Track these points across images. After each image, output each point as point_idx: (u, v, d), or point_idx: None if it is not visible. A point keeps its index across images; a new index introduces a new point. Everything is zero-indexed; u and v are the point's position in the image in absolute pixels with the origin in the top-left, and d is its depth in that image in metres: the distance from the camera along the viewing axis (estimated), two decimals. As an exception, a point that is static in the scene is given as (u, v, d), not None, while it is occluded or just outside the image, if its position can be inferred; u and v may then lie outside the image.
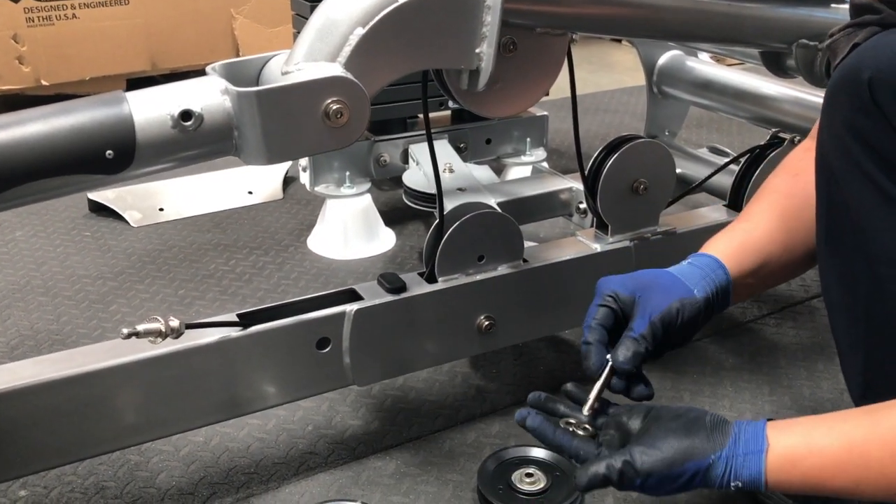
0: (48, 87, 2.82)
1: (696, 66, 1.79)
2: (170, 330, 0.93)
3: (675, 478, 0.78)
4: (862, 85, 0.76)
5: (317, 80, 0.88)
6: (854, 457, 0.72)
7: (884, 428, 0.72)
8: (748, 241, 0.97)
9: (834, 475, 0.73)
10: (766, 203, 1.01)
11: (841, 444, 0.73)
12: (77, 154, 0.83)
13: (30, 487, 1.14)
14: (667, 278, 0.93)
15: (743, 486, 0.77)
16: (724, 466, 0.77)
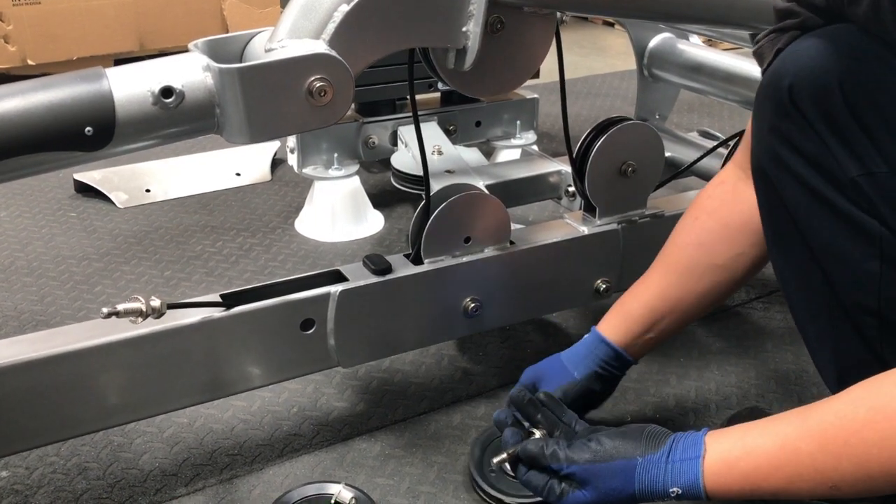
0: (34, 67, 2.80)
1: (686, 48, 1.78)
2: (151, 310, 0.92)
3: (601, 473, 0.81)
4: (783, 91, 0.80)
5: (300, 58, 0.86)
6: (787, 453, 0.73)
7: (812, 423, 0.73)
8: (634, 306, 1.06)
9: (769, 474, 0.74)
10: (660, 259, 1.08)
11: (774, 442, 0.74)
12: (56, 130, 0.81)
13: (11, 468, 1.13)
14: (555, 366, 1.08)
15: (683, 494, 0.78)
16: (659, 471, 0.79)
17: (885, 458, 0.67)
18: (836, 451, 0.70)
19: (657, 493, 0.79)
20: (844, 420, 0.70)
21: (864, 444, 0.68)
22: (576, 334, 1.46)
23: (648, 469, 0.80)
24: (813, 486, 0.72)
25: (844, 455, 0.69)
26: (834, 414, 0.71)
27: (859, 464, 0.69)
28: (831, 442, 0.70)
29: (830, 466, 0.70)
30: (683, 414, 1.25)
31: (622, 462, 0.81)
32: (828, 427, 0.71)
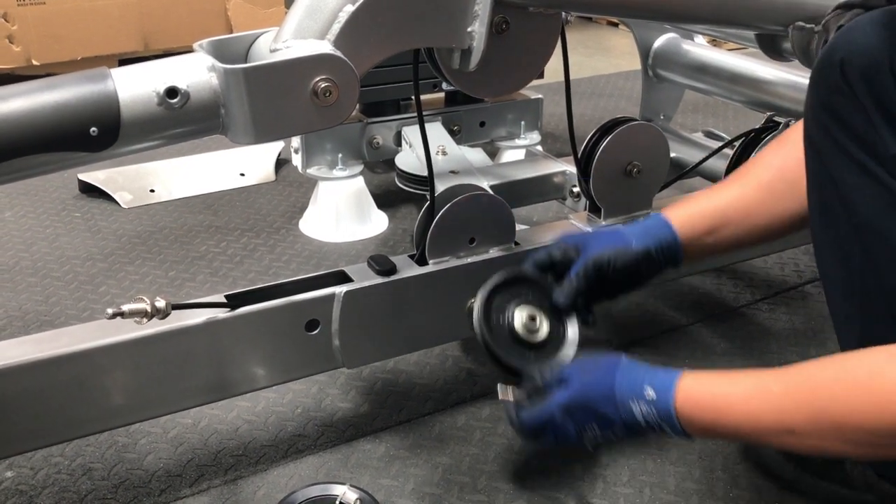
0: (39, 67, 2.80)
1: (691, 49, 1.78)
2: (155, 310, 0.91)
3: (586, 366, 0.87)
4: (835, 66, 0.82)
5: (305, 58, 0.86)
6: (758, 390, 0.78)
7: (789, 374, 0.78)
8: (705, 204, 1.03)
9: (736, 404, 0.78)
10: (740, 173, 1.06)
11: (749, 379, 0.80)
12: (61, 131, 0.81)
13: (16, 468, 1.13)
14: (609, 231, 1.04)
15: (656, 401, 0.81)
16: (639, 373, 0.84)
17: (839, 416, 0.72)
18: (799, 398, 0.75)
19: (633, 392, 0.83)
20: (816, 375, 0.76)
21: (826, 398, 0.73)
22: (580, 334, 1.45)
23: (630, 369, 0.85)
24: (771, 426, 0.76)
25: (805, 403, 0.74)
26: (810, 369, 0.77)
27: (816, 414, 0.73)
28: (798, 390, 0.75)
29: (791, 410, 0.75)
30: (688, 415, 1.25)
31: (607, 359, 0.87)
32: (800, 378, 0.77)
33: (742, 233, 1.03)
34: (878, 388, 0.70)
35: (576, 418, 0.86)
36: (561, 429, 0.88)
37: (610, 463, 1.15)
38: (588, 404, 0.86)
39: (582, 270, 0.99)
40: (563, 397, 0.87)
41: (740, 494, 1.10)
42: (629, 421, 0.84)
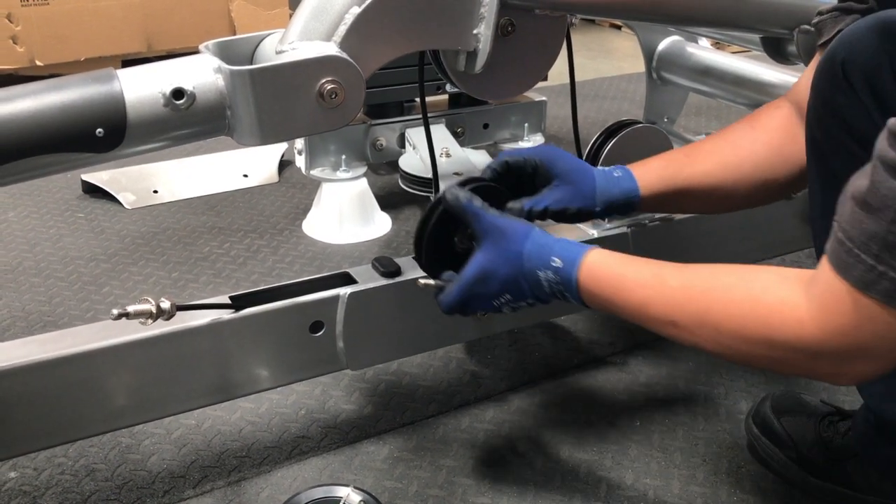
0: (42, 68, 2.80)
1: (695, 52, 1.78)
2: (160, 311, 0.91)
3: (502, 226, 0.88)
4: (837, 66, 0.84)
5: (311, 60, 0.86)
6: (656, 279, 0.81)
7: (689, 270, 0.80)
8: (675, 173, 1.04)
9: (633, 287, 0.82)
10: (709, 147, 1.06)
11: (651, 267, 0.82)
12: (67, 132, 0.81)
13: (20, 469, 1.13)
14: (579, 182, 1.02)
15: (561, 269, 0.84)
16: (549, 241, 0.87)
17: (722, 319, 0.75)
18: (691, 295, 0.78)
19: (541, 259, 0.86)
20: (712, 278, 0.78)
21: (714, 301, 0.76)
22: (584, 338, 1.45)
23: (541, 238, 0.87)
24: (658, 315, 0.80)
25: (694, 301, 0.77)
26: (708, 271, 0.79)
27: (701, 314, 0.77)
28: (692, 288, 0.78)
29: (680, 304, 0.78)
30: (693, 418, 1.25)
31: (522, 226, 0.89)
32: (697, 279, 0.79)
33: (701, 206, 1.08)
34: (763, 303, 0.74)
35: (488, 288, 0.90)
36: (476, 299, 0.91)
37: (614, 466, 1.15)
38: (497, 274, 0.89)
39: (539, 212, 1.01)
40: (474, 269, 0.90)
41: (745, 498, 1.10)
42: (535, 288, 0.87)
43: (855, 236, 0.66)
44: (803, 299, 0.72)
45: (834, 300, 0.69)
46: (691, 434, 1.21)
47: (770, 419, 1.15)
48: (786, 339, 0.72)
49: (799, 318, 0.71)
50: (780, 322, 0.72)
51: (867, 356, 0.70)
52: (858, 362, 0.70)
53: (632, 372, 1.36)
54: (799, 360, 0.73)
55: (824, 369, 0.73)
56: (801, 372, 0.76)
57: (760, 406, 1.19)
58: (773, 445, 1.14)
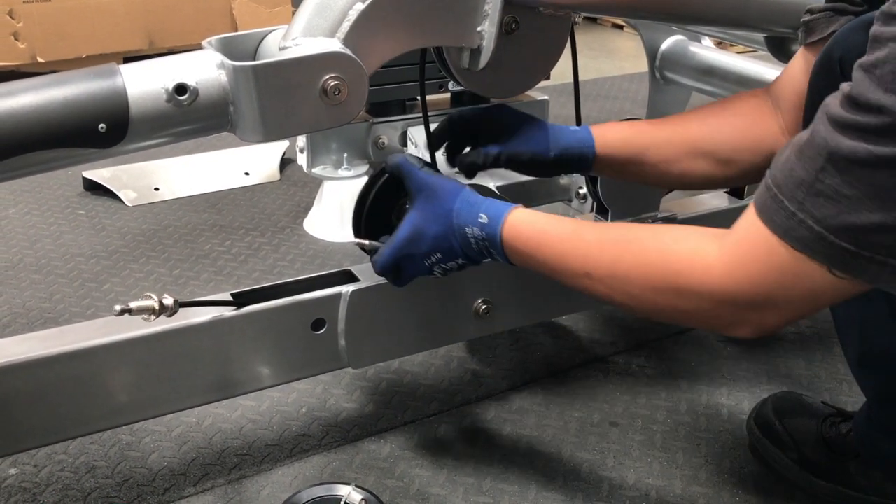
0: (44, 65, 2.80)
1: (699, 51, 1.77)
2: (163, 308, 0.91)
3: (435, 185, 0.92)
4: (834, 63, 0.84)
5: (314, 56, 0.86)
6: (575, 234, 0.83)
7: (609, 228, 0.83)
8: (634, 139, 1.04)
9: (552, 241, 0.84)
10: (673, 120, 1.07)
11: (571, 224, 0.85)
12: (69, 127, 0.81)
13: (20, 466, 1.12)
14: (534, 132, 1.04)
15: (486, 225, 0.87)
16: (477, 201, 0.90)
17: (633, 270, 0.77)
18: (606, 248, 0.80)
19: (469, 216, 0.89)
20: (629, 234, 0.80)
21: (626, 251, 0.78)
22: (586, 337, 1.45)
23: (471, 196, 0.91)
24: (574, 267, 0.82)
25: (609, 253, 0.80)
26: (626, 226, 0.82)
27: (614, 264, 0.79)
28: (609, 241, 0.81)
29: (595, 256, 0.81)
30: (695, 419, 1.24)
31: (453, 185, 0.92)
32: (615, 234, 0.81)
33: (657, 177, 1.07)
34: (672, 251, 0.75)
35: (419, 246, 0.92)
36: (408, 259, 0.93)
37: (616, 465, 1.14)
38: (428, 232, 0.91)
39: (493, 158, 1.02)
40: (406, 228, 0.92)
41: (747, 498, 1.09)
42: (464, 245, 0.90)
43: (783, 183, 0.66)
44: (714, 247, 0.73)
45: (747, 245, 0.70)
46: (693, 434, 1.21)
47: (772, 420, 1.15)
48: (691, 285, 0.73)
49: (707, 265, 0.72)
50: (688, 268, 0.74)
51: (770, 306, 0.70)
52: (761, 312, 0.71)
53: (634, 372, 1.36)
54: (702, 308, 0.73)
55: (726, 318, 0.73)
56: (705, 321, 0.76)
57: (762, 407, 1.19)
58: (774, 447, 1.13)
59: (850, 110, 0.61)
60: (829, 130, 0.62)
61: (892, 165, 0.59)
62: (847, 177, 0.61)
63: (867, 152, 0.59)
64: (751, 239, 0.69)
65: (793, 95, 0.97)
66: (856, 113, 0.60)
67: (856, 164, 0.60)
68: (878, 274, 0.63)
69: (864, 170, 0.60)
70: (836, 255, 0.63)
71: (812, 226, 0.63)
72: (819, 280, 0.66)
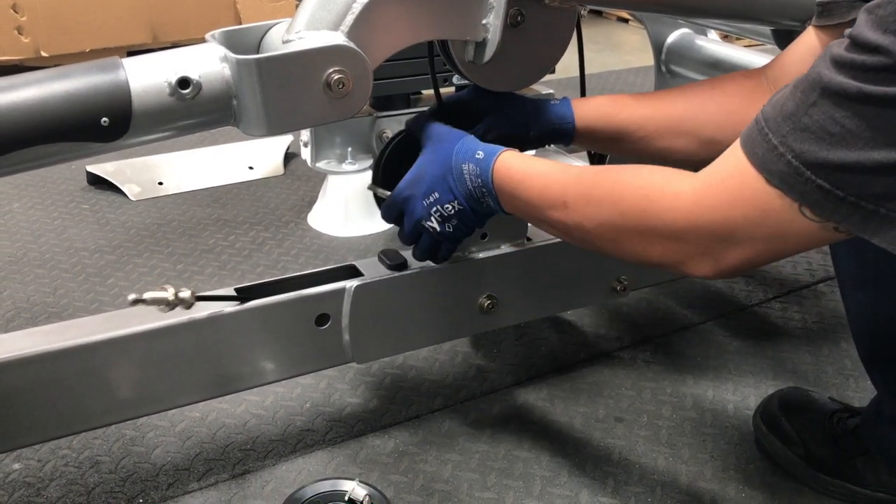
0: (47, 59, 2.80)
1: (705, 44, 1.76)
2: (179, 300, 0.90)
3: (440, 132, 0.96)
4: None
5: (318, 49, 0.85)
6: (558, 169, 0.85)
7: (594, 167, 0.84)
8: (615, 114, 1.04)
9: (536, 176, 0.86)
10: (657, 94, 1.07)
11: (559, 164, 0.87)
12: (72, 121, 0.80)
13: (24, 461, 1.12)
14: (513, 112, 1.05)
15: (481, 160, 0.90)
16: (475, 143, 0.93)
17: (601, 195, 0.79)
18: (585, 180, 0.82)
19: (467, 153, 0.92)
20: (611, 170, 0.81)
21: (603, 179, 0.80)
22: (591, 332, 1.44)
23: (470, 140, 0.94)
24: (553, 198, 0.83)
25: (586, 180, 0.81)
26: (611, 167, 0.82)
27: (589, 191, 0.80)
28: (589, 176, 0.82)
29: (573, 186, 0.82)
30: (701, 414, 1.24)
31: (459, 132, 0.96)
32: (597, 170, 0.82)
33: (638, 152, 1.06)
34: (647, 180, 0.76)
35: (419, 187, 0.95)
36: (408, 202, 0.96)
37: (621, 461, 1.14)
38: (429, 171, 0.94)
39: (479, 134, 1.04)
40: (412, 169, 0.96)
41: (753, 494, 1.09)
42: (459, 182, 0.92)
43: (771, 116, 0.66)
44: (688, 179, 0.73)
45: (722, 174, 0.69)
46: (699, 430, 1.20)
47: (778, 416, 1.15)
48: (657, 212, 0.73)
49: (677, 191, 0.72)
50: (659, 194, 0.74)
51: (733, 241, 0.69)
52: (722, 246, 0.70)
53: (639, 367, 1.35)
54: (665, 236, 0.73)
55: (687, 249, 0.72)
56: (666, 254, 0.75)
57: (768, 403, 1.18)
58: (781, 442, 1.13)
59: (850, 49, 0.60)
60: (826, 67, 0.62)
61: (881, 104, 0.58)
62: (835, 113, 0.61)
63: (857, 90, 0.59)
64: (727, 168, 0.69)
65: (795, 75, 0.96)
66: (853, 52, 0.60)
67: (845, 99, 0.60)
68: (848, 216, 0.62)
69: (853, 106, 0.59)
70: (810, 191, 0.63)
71: (790, 160, 0.63)
72: (787, 219, 0.65)
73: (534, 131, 1.04)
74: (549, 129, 1.04)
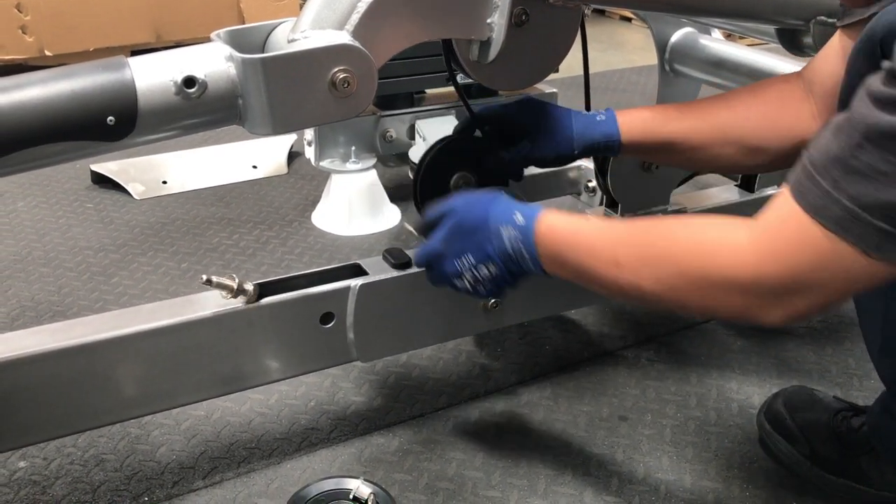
0: (51, 58, 2.80)
1: (709, 43, 1.76)
2: (242, 291, 0.97)
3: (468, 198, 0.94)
4: (875, 43, 0.81)
5: (324, 48, 0.85)
6: (605, 229, 0.84)
7: (637, 223, 0.82)
8: (661, 128, 1.04)
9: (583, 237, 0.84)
10: (701, 104, 1.07)
11: (604, 221, 0.85)
12: (78, 120, 0.80)
13: (29, 459, 1.13)
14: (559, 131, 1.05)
15: (522, 225, 0.87)
16: (510, 204, 0.90)
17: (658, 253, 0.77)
18: (635, 236, 0.80)
19: (505, 217, 0.89)
20: (659, 221, 0.80)
21: (657, 236, 0.79)
22: (595, 331, 1.44)
23: (505, 200, 0.91)
24: (604, 256, 0.81)
25: (638, 238, 0.80)
26: (660, 220, 0.81)
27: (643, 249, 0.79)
28: (638, 231, 0.81)
29: (625, 244, 0.80)
30: (705, 413, 1.24)
31: (486, 193, 0.94)
32: (645, 225, 0.81)
33: (685, 161, 1.08)
34: (702, 235, 0.75)
35: (454, 247, 0.92)
36: (441, 259, 0.94)
37: (625, 460, 1.14)
38: (464, 230, 0.92)
39: (522, 157, 1.06)
40: (445, 227, 0.94)
41: (757, 493, 1.09)
42: (498, 246, 0.89)
43: (818, 161, 0.65)
44: (744, 230, 0.72)
45: (778, 225, 0.69)
46: (703, 429, 1.21)
47: (782, 415, 1.14)
48: (719, 268, 0.72)
49: (737, 246, 0.71)
50: (718, 250, 0.73)
51: (802, 290, 0.68)
52: (792, 296, 0.69)
53: (643, 366, 1.35)
54: (731, 291, 0.72)
55: (756, 303, 0.71)
56: (734, 308, 0.74)
57: (773, 402, 1.18)
58: (785, 441, 1.13)
59: (891, 85, 0.60)
60: (868, 107, 0.61)
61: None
62: (884, 153, 0.60)
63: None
64: (782, 219, 0.68)
65: (827, 79, 0.96)
66: (891, 86, 0.59)
67: (890, 138, 0.59)
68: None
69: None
70: (871, 234, 0.62)
71: (846, 204, 0.62)
72: (852, 262, 0.64)
73: (579, 149, 1.03)
74: (594, 146, 1.04)
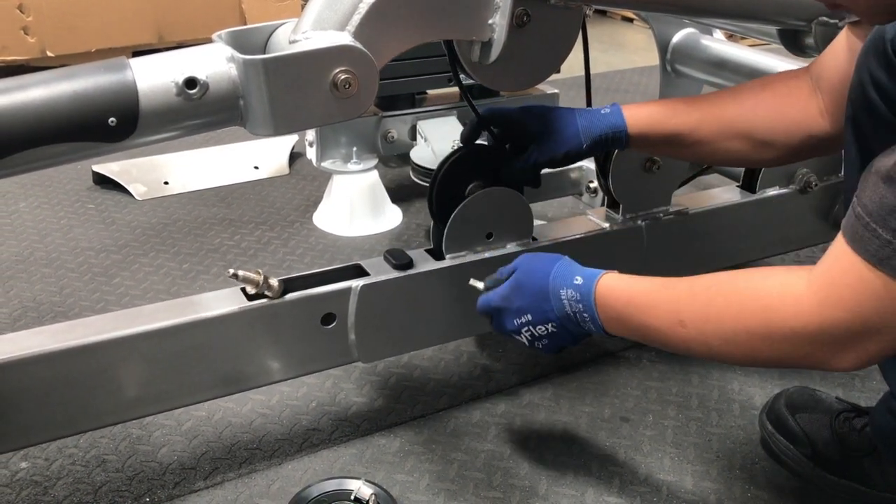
0: (53, 59, 2.80)
1: (710, 44, 1.76)
2: (267, 285, 0.99)
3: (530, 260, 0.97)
4: (885, 43, 0.82)
5: (325, 49, 0.85)
6: (664, 287, 0.84)
7: (697, 280, 0.82)
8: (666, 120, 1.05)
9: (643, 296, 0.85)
10: (708, 97, 1.08)
11: (662, 279, 0.86)
12: (79, 121, 0.81)
13: (31, 459, 1.13)
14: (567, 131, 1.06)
15: (581, 286, 0.89)
16: (572, 268, 0.92)
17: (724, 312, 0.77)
18: (696, 294, 0.81)
19: (565, 280, 0.91)
20: (719, 280, 0.81)
21: (717, 293, 0.79)
22: (596, 332, 1.44)
23: (567, 263, 0.94)
24: (666, 316, 0.82)
25: (699, 296, 0.80)
26: (717, 275, 0.82)
27: (705, 307, 0.79)
28: (699, 288, 0.81)
29: (686, 302, 0.81)
30: (706, 414, 1.24)
31: (551, 256, 0.97)
32: (704, 282, 0.81)
33: (691, 155, 1.09)
34: (762, 288, 0.76)
35: (514, 305, 0.94)
36: (502, 313, 0.96)
37: (627, 461, 1.14)
38: (524, 290, 0.94)
39: (532, 163, 1.07)
40: (506, 286, 0.96)
41: (758, 494, 1.09)
42: (557, 307, 0.91)
43: (874, 211, 0.66)
44: (803, 280, 0.72)
45: (838, 274, 0.69)
46: (705, 430, 1.20)
47: (784, 416, 1.14)
48: (783, 320, 0.72)
49: (797, 297, 0.72)
50: (779, 303, 0.73)
51: (871, 336, 0.69)
52: (861, 343, 0.70)
53: (644, 367, 1.35)
54: (798, 341, 0.72)
55: (824, 351, 0.72)
56: (803, 357, 0.74)
57: (774, 402, 1.18)
58: (787, 442, 1.13)
59: None
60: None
61: None
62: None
63: None
64: (842, 268, 0.69)
65: (835, 75, 0.96)
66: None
67: None
68: None
69: None
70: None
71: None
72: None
73: (587, 144, 1.04)
74: (602, 140, 1.05)
